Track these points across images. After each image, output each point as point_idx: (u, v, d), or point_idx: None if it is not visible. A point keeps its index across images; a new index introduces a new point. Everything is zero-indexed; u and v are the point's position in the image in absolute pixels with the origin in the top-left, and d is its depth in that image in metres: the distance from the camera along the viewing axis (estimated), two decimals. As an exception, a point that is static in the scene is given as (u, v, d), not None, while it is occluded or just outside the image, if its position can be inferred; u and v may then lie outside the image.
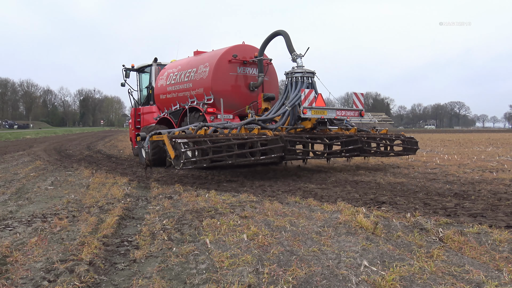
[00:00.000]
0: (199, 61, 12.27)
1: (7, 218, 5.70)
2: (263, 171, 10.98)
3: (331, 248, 4.20)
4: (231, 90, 11.58)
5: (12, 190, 7.95)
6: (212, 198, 6.89)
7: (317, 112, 9.86)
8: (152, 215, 5.79)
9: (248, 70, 11.93)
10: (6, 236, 4.76)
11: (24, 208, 6.41)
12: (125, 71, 15.68)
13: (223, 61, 11.47)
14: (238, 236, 4.55)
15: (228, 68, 11.53)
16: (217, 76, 11.40)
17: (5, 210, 6.20)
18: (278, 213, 5.73)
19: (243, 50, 11.91)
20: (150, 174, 10.42)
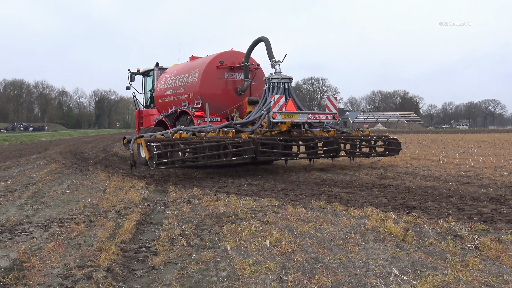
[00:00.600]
0: (191, 67, 13.55)
1: (24, 222, 5.84)
2: (285, 174, 10.97)
3: (359, 255, 4.16)
4: (219, 94, 12.79)
5: (28, 194, 8.14)
6: (232, 202, 6.92)
7: (287, 116, 10.73)
8: (170, 220, 5.84)
9: (236, 75, 13.14)
10: (23, 241, 4.87)
11: (41, 212, 6.55)
12: (130, 75, 17.03)
13: (211, 67, 12.73)
14: (260, 243, 4.56)
15: (216, 73, 12.77)
16: (205, 81, 12.65)
17: (22, 214, 6.35)
18: (302, 218, 5.71)
19: (231, 56, 13.11)
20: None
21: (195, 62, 13.80)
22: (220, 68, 12.85)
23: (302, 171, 11.55)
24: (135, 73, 17.17)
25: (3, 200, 7.58)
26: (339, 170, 11.85)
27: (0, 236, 5.13)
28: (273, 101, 10.58)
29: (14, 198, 7.74)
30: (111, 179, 10.18)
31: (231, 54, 13.19)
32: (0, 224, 5.75)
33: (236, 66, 13.06)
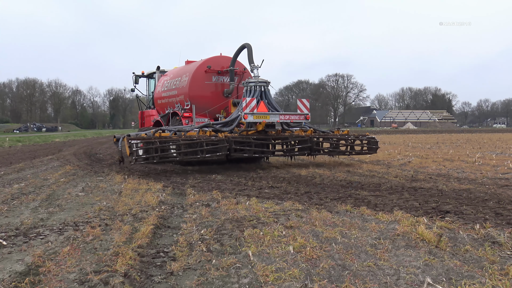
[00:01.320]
0: (183, 71, 15.37)
1: (38, 226, 5.96)
2: (309, 176, 10.94)
3: (389, 262, 4.13)
4: (207, 96, 14.54)
5: (42, 197, 8.31)
6: (253, 206, 6.93)
7: (259, 117, 12.34)
8: (189, 224, 5.89)
9: (223, 78, 14.89)
10: (37, 245, 4.98)
11: (55, 215, 6.68)
12: (135, 77, 19.16)
13: (199, 71, 14.53)
14: (283, 248, 4.56)
15: (204, 77, 14.56)
16: (194, 84, 14.42)
17: (36, 217, 6.48)
18: (327, 223, 5.69)
19: (220, 61, 14.90)
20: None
21: (187, 67, 15.66)
22: (208, 72, 14.62)
23: (327, 173, 11.50)
24: (140, 75, 19.18)
25: (17, 202, 7.75)
26: (366, 172, 11.76)
27: (15, 239, 5.26)
28: (245, 103, 12.21)
29: (28, 201, 7.90)
30: (126, 181, 10.31)
31: (219, 59, 15.00)
32: (15, 227, 5.89)
33: (223, 70, 14.78)
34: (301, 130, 13.65)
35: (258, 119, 12.38)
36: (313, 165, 13.74)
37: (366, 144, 14.05)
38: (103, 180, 10.79)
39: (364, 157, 16.46)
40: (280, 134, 13.14)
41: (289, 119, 12.90)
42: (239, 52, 14.46)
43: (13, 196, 8.37)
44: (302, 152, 13.28)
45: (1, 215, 6.73)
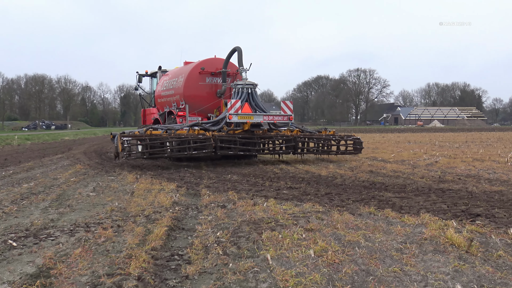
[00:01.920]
0: (180, 72, 16.87)
1: (49, 227, 6.05)
2: (329, 177, 10.90)
3: (416, 268, 4.10)
4: (200, 96, 15.91)
5: (53, 197, 8.43)
6: (271, 207, 6.93)
7: (243, 117, 13.85)
8: (204, 226, 5.91)
9: (216, 80, 16.20)
10: (48, 247, 5.05)
11: (66, 216, 6.77)
12: (138, 76, 20.60)
13: (194, 72, 15.92)
14: (303, 252, 4.55)
15: (198, 78, 15.94)
16: (188, 85, 15.80)
17: (46, 218, 6.58)
18: (350, 226, 5.66)
19: (214, 62, 16.25)
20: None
21: (183, 68, 17.19)
22: (202, 74, 15.99)
23: (348, 173, 11.45)
24: (143, 75, 20.75)
25: (26, 202, 7.88)
26: (390, 172, 11.68)
27: (25, 240, 5.34)
28: (230, 104, 13.77)
29: (38, 201, 8.02)
30: (139, 181, 10.41)
31: (213, 61, 16.34)
32: (25, 228, 5.98)
33: (216, 71, 16.12)
34: (288, 130, 15.12)
35: (243, 120, 13.91)
36: (333, 165, 13.70)
37: (351, 144, 15.73)
38: (115, 179, 10.90)
39: (388, 156, 16.38)
40: (266, 133, 14.53)
41: (273, 120, 14.41)
42: (231, 55, 15.89)
43: (22, 196, 8.51)
44: (286, 151, 15.04)
45: (11, 215, 6.85)
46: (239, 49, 15.42)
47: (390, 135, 42.57)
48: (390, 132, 58.06)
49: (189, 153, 13.04)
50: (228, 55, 15.94)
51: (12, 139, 32.99)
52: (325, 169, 12.68)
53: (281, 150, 15.05)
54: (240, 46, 15.50)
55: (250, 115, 14.01)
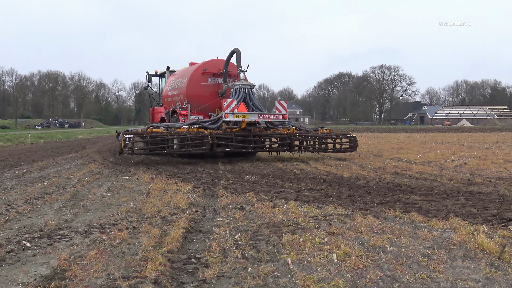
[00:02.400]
0: (184, 73, 18.32)
1: (63, 227, 6.13)
2: (352, 179, 10.85)
3: (444, 275, 4.05)
4: (203, 96, 17.29)
5: (67, 197, 8.54)
6: (291, 209, 6.93)
7: (239, 116, 15.14)
8: (222, 229, 5.93)
9: (218, 80, 17.56)
10: (63, 248, 5.12)
11: (80, 216, 6.86)
12: (148, 76, 22.38)
13: (196, 73, 17.32)
14: (326, 256, 4.54)
15: (200, 79, 17.33)
16: (191, 85, 17.21)
17: (60, 218, 6.67)
18: (374, 229, 5.63)
19: (216, 64, 17.61)
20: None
21: (188, 69, 18.65)
22: (204, 74, 17.37)
23: (372, 175, 11.38)
24: (153, 74, 22.39)
25: (40, 202, 8.00)
26: (416, 174, 11.58)
27: (39, 241, 5.43)
28: (226, 104, 15.07)
29: (52, 201, 8.14)
30: (154, 181, 10.49)
31: (216, 62, 17.72)
32: (39, 228, 6.08)
33: (218, 72, 17.46)
34: (285, 129, 16.35)
35: (238, 118, 15.21)
36: (356, 166, 13.63)
37: (347, 142, 16.68)
38: (130, 179, 11.00)
39: (414, 157, 16.25)
40: (262, 131, 15.84)
41: (267, 118, 15.84)
42: (231, 56, 17.20)
43: (36, 196, 8.64)
44: (282, 148, 16.12)
45: (24, 215, 6.96)
46: (238, 51, 16.81)
47: (415, 135, 42.18)
48: (416, 131, 57.52)
49: (187, 149, 14.44)
50: (228, 56, 17.26)
51: (25, 137, 33.50)
52: (348, 170, 12.62)
53: (277, 148, 16.22)
54: (239, 48, 16.82)
55: (246, 114, 15.34)
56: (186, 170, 13.08)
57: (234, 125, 15.41)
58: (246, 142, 15.42)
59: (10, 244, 5.29)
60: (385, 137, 36.73)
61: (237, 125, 15.43)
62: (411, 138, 34.99)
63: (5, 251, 5.01)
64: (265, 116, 15.67)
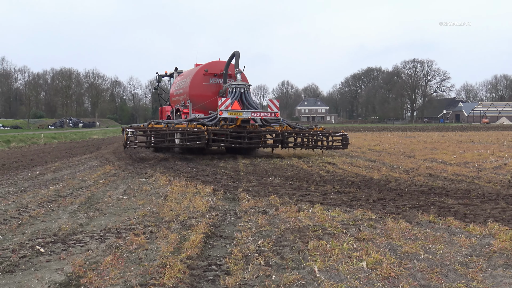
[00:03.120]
0: (188, 74, 21.11)
1: (78, 232, 6.21)
2: (382, 181, 10.77)
3: (483, 284, 4.00)
4: (204, 96, 19.62)
5: (81, 200, 8.66)
6: (317, 214, 6.90)
7: (233, 113, 17.20)
8: (243, 234, 5.94)
9: (219, 80, 19.93)
10: (77, 253, 5.19)
11: (95, 221, 6.94)
12: (158, 77, 25.31)
13: (199, 74, 19.84)
14: (355, 264, 4.51)
15: (202, 79, 19.75)
16: (193, 85, 19.67)
17: (75, 222, 6.76)
18: (406, 235, 5.57)
19: (217, 65, 20.02)
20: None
21: (192, 70, 21.27)
22: (206, 75, 19.79)
23: (404, 177, 11.27)
24: (162, 75, 25.41)
25: (54, 206, 8.13)
26: (451, 175, 11.43)
27: (53, 246, 5.51)
28: (220, 102, 17.26)
29: (66, 204, 8.26)
30: (172, 183, 10.55)
31: (217, 63, 20.15)
32: (52, 233, 6.17)
33: (219, 73, 19.83)
34: (280, 126, 18.42)
35: (232, 115, 17.26)
36: (386, 168, 13.52)
37: (339, 140, 18.65)
38: (146, 182, 11.09)
39: (449, 158, 16.08)
40: (257, 128, 17.92)
41: (260, 116, 17.71)
42: (232, 58, 19.45)
43: (49, 199, 8.78)
44: (274, 145, 18.40)
45: (38, 219, 7.08)
46: (237, 53, 19.18)
47: (450, 134, 41.66)
48: (451, 130, 56.81)
49: (185, 144, 16.67)
50: (229, 58, 19.60)
51: (38, 137, 34.08)
52: (377, 171, 12.52)
53: (270, 144, 18.53)
54: (238, 51, 19.13)
55: (239, 112, 17.36)
56: (205, 172, 13.14)
57: (230, 122, 17.56)
58: (240, 138, 17.46)
59: (23, 249, 5.39)
60: (418, 136, 36.37)
61: (233, 122, 17.57)
62: (445, 137, 34.57)
63: (18, 256, 5.10)
64: (258, 114, 17.61)
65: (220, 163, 15.50)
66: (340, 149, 19.27)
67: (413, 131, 53.10)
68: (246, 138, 17.39)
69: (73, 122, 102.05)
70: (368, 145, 24.94)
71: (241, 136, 17.38)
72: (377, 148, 22.50)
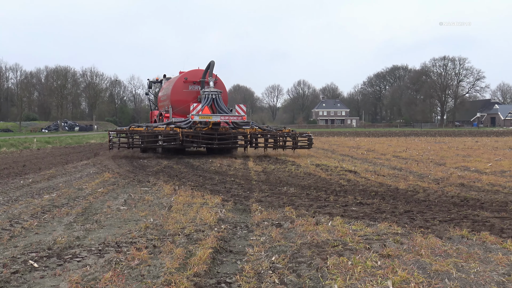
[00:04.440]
0: (171, 81, 25.71)
1: (74, 245, 6.26)
2: (409, 191, 10.73)
3: (523, 307, 3.96)
4: (184, 101, 23.41)
5: (78, 210, 8.72)
6: (337, 227, 6.90)
7: (203, 117, 21.44)
8: (256, 249, 5.95)
9: (197, 87, 24.05)
10: (74, 269, 5.23)
11: (93, 233, 6.99)
12: (149, 83, 31.45)
13: (180, 81, 24.19)
14: (379, 283, 4.50)
15: (183, 86, 24.07)
16: (174, 92, 24.05)
17: (71, 235, 6.81)
18: (437, 252, 5.55)
19: (197, 73, 24.35)
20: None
21: (175, 77, 25.89)
22: (186, 82, 24.12)
23: (433, 187, 11.22)
24: (153, 81, 30.85)
25: (48, 217, 8.19)
26: (486, 186, 11.37)
27: (48, 261, 5.55)
28: (192, 107, 21.54)
29: (61, 215, 8.32)
30: (177, 193, 10.59)
31: (196, 71, 24.54)
32: (47, 246, 6.22)
33: (197, 80, 24.02)
34: (250, 128, 22.80)
35: (203, 119, 21.57)
36: (414, 176, 13.47)
37: (305, 140, 23.03)
38: (149, 191, 11.15)
39: (483, 166, 15.98)
40: (228, 131, 22.19)
41: (228, 119, 22.14)
42: (208, 67, 23.67)
43: (43, 209, 8.85)
44: (241, 145, 23.08)
45: (31, 231, 7.14)
46: (213, 63, 23.74)
47: (485, 139, 41.39)
48: (486, 135, 56.43)
49: (161, 144, 20.97)
50: (206, 67, 23.85)
51: (30, 142, 34.40)
52: (404, 181, 12.48)
53: (238, 145, 22.97)
54: (214, 60, 23.76)
55: (209, 116, 21.77)
56: (213, 180, 13.17)
57: (204, 125, 21.78)
58: (211, 139, 21.61)
59: (15, 264, 5.43)
60: (449, 142, 36.19)
61: (206, 125, 21.81)
62: (479, 143, 34.36)
63: (9, 271, 5.14)
64: (227, 117, 22.09)
65: (230, 171, 15.54)
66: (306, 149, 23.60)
67: (443, 136, 52.83)
68: (216, 140, 21.57)
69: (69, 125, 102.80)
70: (393, 152, 24.87)
71: (212, 137, 21.55)
72: (403, 155, 22.43)
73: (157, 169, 16.47)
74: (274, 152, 24.86)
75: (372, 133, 74.71)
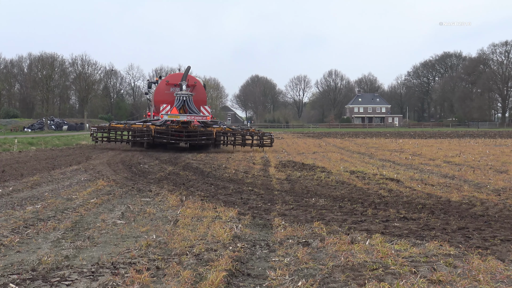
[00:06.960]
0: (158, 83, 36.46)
1: (62, 266, 6.29)
2: (464, 204, 10.64)
3: None
4: (166, 101, 30.68)
5: (67, 224, 8.76)
6: (377, 247, 6.87)
7: (172, 116, 29.63)
8: (278, 272, 5.94)
9: (178, 89, 31.69)
10: (62, 294, 5.26)
11: (85, 252, 7.02)
12: (148, 83, 42.54)
13: (162, 84, 34.03)
14: (428, 315, 4.46)
15: (165, 88, 33.31)
16: (157, 93, 34.15)
17: (59, 254, 6.85)
18: (498, 277, 5.52)
19: (178, 76, 33.31)
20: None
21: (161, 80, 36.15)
22: (168, 85, 33.13)
23: (493, 199, 11.12)
24: (152, 82, 40.28)
25: (32, 232, 8.24)
26: (558, 198, 11.23)
27: (31, 285, 5.60)
28: (162, 107, 29.89)
29: (47, 230, 8.38)
30: (184, 204, 10.61)
31: (178, 75, 33.83)
32: (30, 267, 6.26)
33: (177, 83, 32.08)
34: (219, 127, 31.62)
35: (171, 118, 29.46)
36: (469, 186, 13.37)
37: (267, 139, 31.35)
38: (151, 202, 11.18)
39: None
40: (196, 129, 30.33)
41: (193, 119, 30.15)
42: (187, 71, 32.37)
43: (26, 223, 8.91)
44: (207, 142, 30.87)
45: (12, 249, 7.19)
46: (189, 68, 32.64)
47: (556, 142, 40.93)
48: (557, 137, 55.79)
49: (134, 139, 30.52)
50: (185, 71, 32.49)
51: (11, 143, 34.69)
52: (457, 191, 12.39)
53: (203, 142, 30.84)
54: (190, 66, 33.19)
55: (177, 115, 29.39)
56: (227, 189, 13.18)
57: (176, 124, 29.81)
58: (180, 136, 29.72)
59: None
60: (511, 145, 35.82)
61: (177, 124, 29.83)
62: (549, 146, 33.98)
63: (-14, 297, 5.18)
64: (192, 117, 30.05)
65: (247, 179, 15.54)
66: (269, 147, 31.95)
67: (505, 138, 52.35)
68: (184, 136, 29.78)
69: (56, 123, 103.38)
70: (445, 156, 24.72)
71: (181, 134, 29.68)
72: (456, 161, 22.29)
73: (160, 176, 16.51)
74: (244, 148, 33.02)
75: (418, 133, 74.30)
